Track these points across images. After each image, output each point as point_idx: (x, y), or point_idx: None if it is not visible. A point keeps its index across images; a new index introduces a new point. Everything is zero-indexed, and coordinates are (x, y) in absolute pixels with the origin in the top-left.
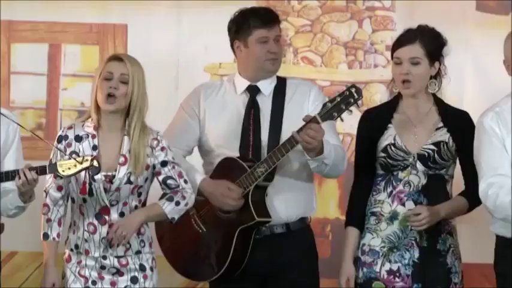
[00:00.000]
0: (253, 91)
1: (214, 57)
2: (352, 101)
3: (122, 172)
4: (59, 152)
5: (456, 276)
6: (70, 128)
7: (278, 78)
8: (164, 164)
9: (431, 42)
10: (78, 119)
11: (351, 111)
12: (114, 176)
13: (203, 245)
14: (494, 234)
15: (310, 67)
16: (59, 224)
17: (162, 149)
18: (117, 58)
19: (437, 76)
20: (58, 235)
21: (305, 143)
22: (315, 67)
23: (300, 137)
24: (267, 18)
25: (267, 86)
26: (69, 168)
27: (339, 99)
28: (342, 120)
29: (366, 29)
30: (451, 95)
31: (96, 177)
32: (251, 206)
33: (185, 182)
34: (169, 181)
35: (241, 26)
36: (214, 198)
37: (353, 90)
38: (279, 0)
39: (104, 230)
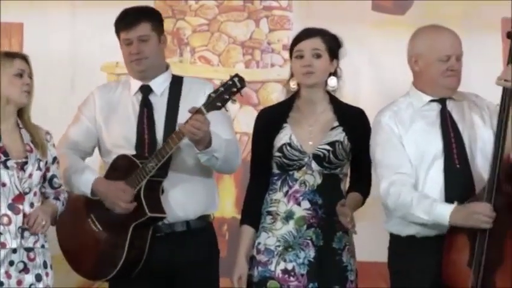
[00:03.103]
0: (145, 91)
1: (110, 56)
2: (235, 90)
3: (32, 158)
4: None
5: (352, 274)
6: None
7: (174, 77)
8: (54, 160)
9: (330, 39)
10: None
11: (234, 100)
12: (26, 163)
13: (100, 244)
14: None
15: (207, 66)
16: None
17: (54, 145)
18: (22, 56)
19: (335, 75)
20: None
21: (191, 134)
22: (212, 66)
23: (185, 129)
24: (126, 20)
25: (159, 86)
26: None
27: (222, 89)
28: (226, 110)
29: (263, 28)
30: (348, 94)
31: (8, 163)
32: (143, 201)
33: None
34: (55, 179)
35: (115, 29)
36: (107, 199)
37: (236, 79)
38: (176, 0)
39: (18, 219)
